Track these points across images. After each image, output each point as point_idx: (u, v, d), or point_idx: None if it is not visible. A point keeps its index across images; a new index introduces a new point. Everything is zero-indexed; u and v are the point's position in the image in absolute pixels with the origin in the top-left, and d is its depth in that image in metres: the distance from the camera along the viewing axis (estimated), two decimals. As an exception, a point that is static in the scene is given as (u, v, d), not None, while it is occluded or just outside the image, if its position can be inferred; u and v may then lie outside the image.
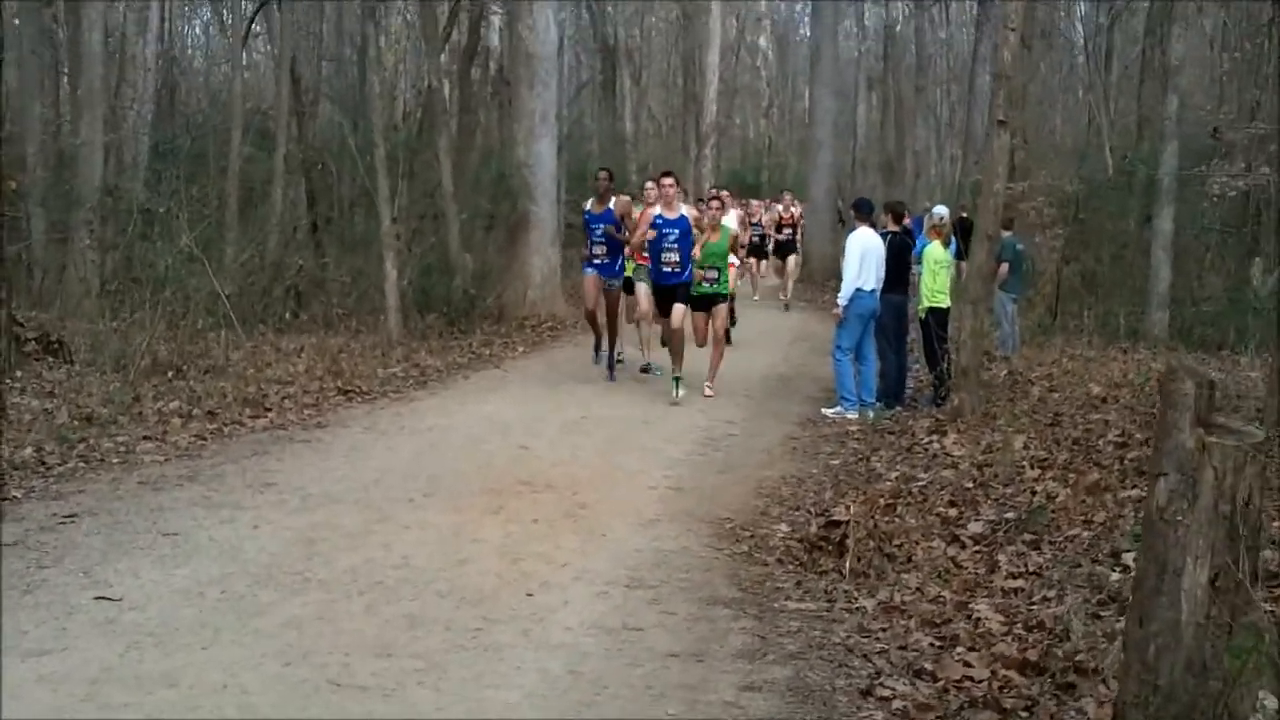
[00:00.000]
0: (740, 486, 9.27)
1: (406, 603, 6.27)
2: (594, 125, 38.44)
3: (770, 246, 25.17)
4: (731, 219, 17.00)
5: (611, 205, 14.14)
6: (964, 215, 18.11)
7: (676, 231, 13.07)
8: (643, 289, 14.31)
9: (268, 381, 12.90)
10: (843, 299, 12.64)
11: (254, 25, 28.73)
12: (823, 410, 12.60)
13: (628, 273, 14.58)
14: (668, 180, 13.44)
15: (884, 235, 13.03)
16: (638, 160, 36.19)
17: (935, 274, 13.07)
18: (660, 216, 13.17)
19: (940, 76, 38.18)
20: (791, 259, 24.88)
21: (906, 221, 14.03)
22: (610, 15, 38.16)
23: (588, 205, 14.51)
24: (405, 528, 7.69)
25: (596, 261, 14.30)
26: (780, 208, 25.60)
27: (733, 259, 14.71)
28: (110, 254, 18.03)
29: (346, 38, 30.89)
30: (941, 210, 14.80)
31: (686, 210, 13.52)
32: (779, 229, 24.99)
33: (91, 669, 5.22)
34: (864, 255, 12.60)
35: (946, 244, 13.56)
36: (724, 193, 17.42)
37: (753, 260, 24.43)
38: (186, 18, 39.66)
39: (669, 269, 13.14)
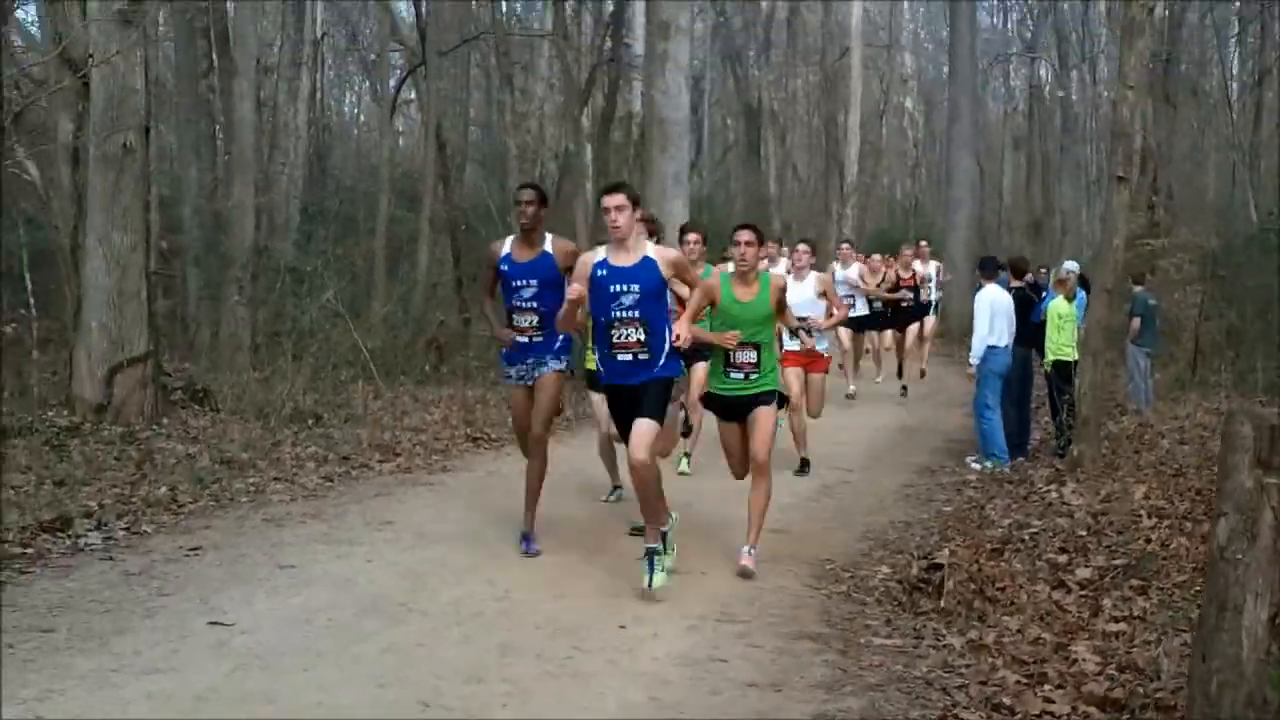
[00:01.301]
0: (847, 531, 9.34)
1: (502, 633, 6.48)
2: (738, 186, 38.77)
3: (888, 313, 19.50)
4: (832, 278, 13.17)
5: (549, 247, 8.36)
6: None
7: (635, 290, 7.49)
8: (597, 400, 9.64)
9: (403, 429, 13.28)
10: (974, 357, 12.68)
11: (402, 93, 29.66)
12: (970, 463, 12.50)
13: (589, 364, 9.52)
14: (613, 199, 7.49)
15: (1009, 291, 13.04)
16: (780, 219, 36.37)
17: (1059, 328, 13.05)
18: (603, 262, 7.60)
19: (1088, 134, 37.77)
20: (911, 329, 19.49)
21: (1029, 277, 14.00)
22: (754, 78, 38.56)
23: (505, 247, 8.52)
24: (511, 565, 7.92)
25: (524, 339, 8.36)
26: (898, 266, 19.92)
27: (814, 337, 11.73)
28: (259, 310, 18.71)
29: (494, 104, 31.73)
30: (1071, 265, 14.70)
31: (657, 252, 7.70)
32: (895, 290, 19.29)
33: (198, 687, 5.50)
34: (994, 312, 12.64)
35: (1072, 298, 13.50)
36: (802, 249, 12.48)
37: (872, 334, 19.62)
38: (338, 86, 41.05)
39: (625, 355, 7.56)
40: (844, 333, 17.87)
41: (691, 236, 10.39)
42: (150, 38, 15.77)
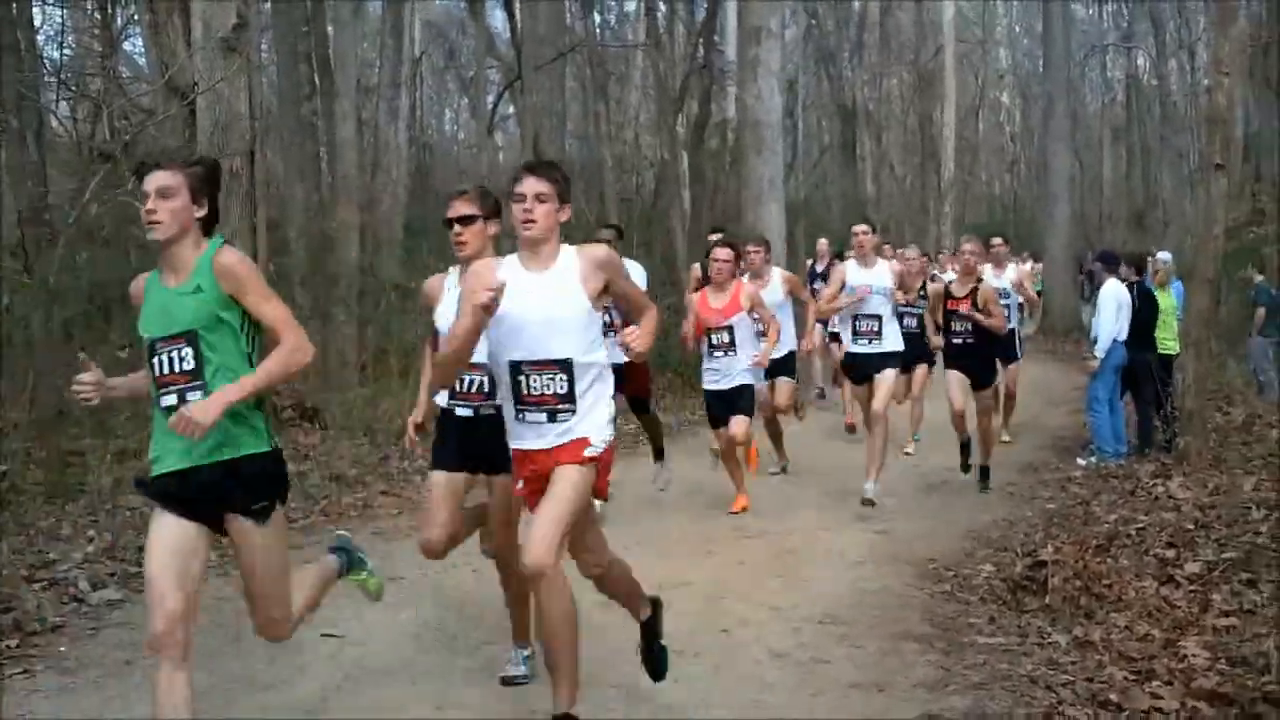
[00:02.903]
0: (950, 530, 9.32)
1: (609, 639, 6.57)
2: (834, 188, 38.64)
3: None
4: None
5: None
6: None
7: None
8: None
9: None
10: (1100, 350, 12.49)
11: (500, 108, 29.98)
12: (1079, 460, 12.40)
13: None
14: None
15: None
16: (879, 220, 36.13)
17: (1161, 322, 12.87)
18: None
19: (1188, 123, 37.11)
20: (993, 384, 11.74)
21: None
22: (848, 79, 38.43)
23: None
24: (616, 574, 8.01)
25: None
26: (946, 276, 13.84)
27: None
28: (366, 328, 18.99)
29: (590, 115, 31.90)
30: (1165, 256, 14.48)
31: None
32: (948, 322, 11.24)
33: (311, 700, 5.71)
34: (1120, 307, 12.53)
35: (1163, 286, 13.34)
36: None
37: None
38: (438, 104, 41.61)
39: None
40: (850, 388, 11.68)
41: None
42: (253, 64, 16.11)
